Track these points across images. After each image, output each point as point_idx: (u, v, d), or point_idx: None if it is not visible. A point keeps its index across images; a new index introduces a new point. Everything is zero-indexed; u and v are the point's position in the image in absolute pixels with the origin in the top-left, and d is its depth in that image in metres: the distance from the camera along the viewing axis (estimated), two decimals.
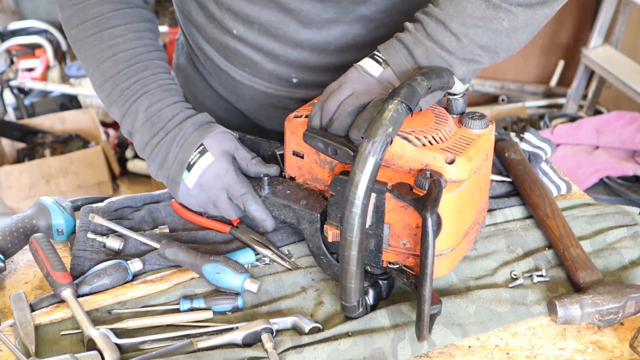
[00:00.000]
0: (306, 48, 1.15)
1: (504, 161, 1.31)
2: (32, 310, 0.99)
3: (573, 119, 3.24)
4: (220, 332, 0.97)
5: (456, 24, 0.96)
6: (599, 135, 2.88)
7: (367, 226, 0.96)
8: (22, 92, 3.75)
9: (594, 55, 3.20)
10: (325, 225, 1.01)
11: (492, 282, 1.07)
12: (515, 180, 1.26)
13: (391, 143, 0.87)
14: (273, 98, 1.26)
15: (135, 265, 1.07)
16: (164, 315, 1.00)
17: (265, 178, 1.08)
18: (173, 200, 1.22)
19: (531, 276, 1.08)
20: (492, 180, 1.29)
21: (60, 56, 4.16)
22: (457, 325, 0.98)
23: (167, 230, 1.17)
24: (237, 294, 1.02)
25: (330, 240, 1.00)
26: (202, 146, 1.06)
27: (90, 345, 0.92)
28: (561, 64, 3.79)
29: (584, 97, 3.52)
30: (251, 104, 1.31)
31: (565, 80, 3.77)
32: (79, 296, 1.01)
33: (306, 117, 1.04)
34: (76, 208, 1.21)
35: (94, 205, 1.21)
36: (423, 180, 0.91)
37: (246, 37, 1.15)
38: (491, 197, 1.26)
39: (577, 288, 1.06)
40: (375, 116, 0.87)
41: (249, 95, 1.28)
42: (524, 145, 1.37)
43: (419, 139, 0.95)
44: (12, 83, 3.68)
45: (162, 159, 1.08)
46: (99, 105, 3.80)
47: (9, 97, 3.69)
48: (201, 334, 0.97)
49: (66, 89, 3.71)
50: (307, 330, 0.97)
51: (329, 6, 1.09)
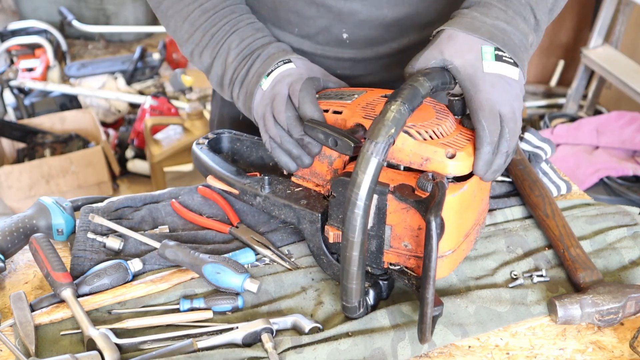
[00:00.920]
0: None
1: None
2: (32, 310, 0.99)
3: (573, 119, 3.24)
4: (220, 332, 0.97)
5: (540, 14, 0.99)
6: (599, 135, 2.88)
7: (368, 227, 0.96)
8: (22, 92, 3.76)
9: (594, 55, 3.20)
10: (326, 226, 1.01)
11: (492, 282, 1.07)
12: (515, 180, 1.26)
13: (393, 144, 0.87)
14: (322, 60, 1.23)
15: (135, 265, 1.07)
16: (164, 315, 1.00)
17: (266, 178, 1.08)
18: (173, 200, 1.22)
19: (531, 276, 1.08)
20: (492, 180, 1.29)
21: (60, 56, 4.17)
22: (457, 325, 0.98)
23: (167, 230, 1.17)
24: (237, 294, 1.02)
25: (331, 241, 1.00)
26: (289, 60, 1.06)
27: (90, 345, 0.92)
28: (561, 64, 3.79)
29: (584, 97, 3.52)
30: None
31: (565, 80, 3.78)
32: (79, 296, 1.01)
33: None
34: (76, 208, 1.21)
35: (94, 205, 1.21)
36: (425, 182, 0.91)
37: None
38: (491, 197, 1.26)
39: (577, 288, 1.06)
40: (378, 117, 0.87)
41: None
42: (524, 145, 1.37)
43: (419, 133, 0.94)
44: (12, 83, 3.69)
45: (243, 76, 1.08)
46: (99, 105, 3.80)
47: (9, 97, 3.70)
48: (201, 334, 0.97)
49: (66, 89, 3.72)
50: (307, 330, 0.97)
51: None
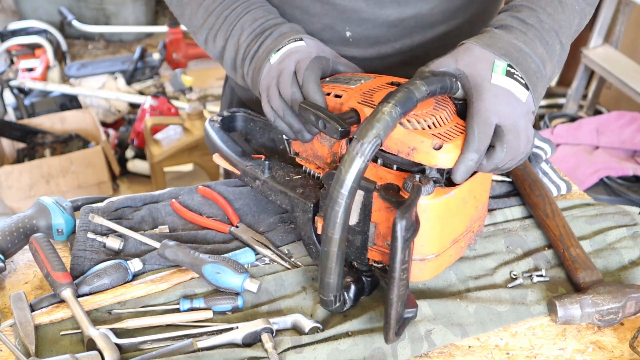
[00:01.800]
0: None
1: None
2: (32, 310, 0.99)
3: (573, 119, 3.24)
4: (220, 332, 0.97)
5: (565, 38, 1.00)
6: (599, 135, 2.88)
7: (354, 223, 0.97)
8: (22, 92, 3.76)
9: (594, 55, 3.20)
10: (316, 217, 1.02)
11: (491, 282, 1.07)
12: (515, 180, 1.26)
13: (381, 145, 0.87)
14: None
15: (135, 265, 1.07)
16: (164, 315, 1.00)
17: (267, 162, 1.10)
18: (173, 200, 1.22)
19: (531, 276, 1.08)
20: (492, 181, 1.29)
21: (60, 56, 4.17)
22: (457, 325, 0.98)
23: (167, 230, 1.17)
24: (237, 293, 1.02)
25: (319, 232, 1.01)
26: (300, 38, 1.07)
27: (90, 345, 0.92)
28: None
29: (584, 97, 3.52)
30: None
31: (565, 80, 3.77)
32: (79, 296, 1.01)
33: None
34: (76, 208, 1.21)
35: (94, 205, 1.21)
36: (410, 183, 0.91)
37: None
38: (491, 197, 1.26)
39: (577, 288, 1.06)
40: (368, 117, 0.87)
41: None
42: None
43: (410, 122, 0.93)
44: (12, 83, 3.68)
45: (254, 52, 1.09)
46: (99, 105, 3.80)
47: (9, 97, 3.69)
48: (201, 334, 0.97)
49: (66, 89, 3.72)
50: (307, 330, 0.97)
51: None
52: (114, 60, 4.08)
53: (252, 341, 0.95)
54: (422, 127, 0.93)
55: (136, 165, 3.53)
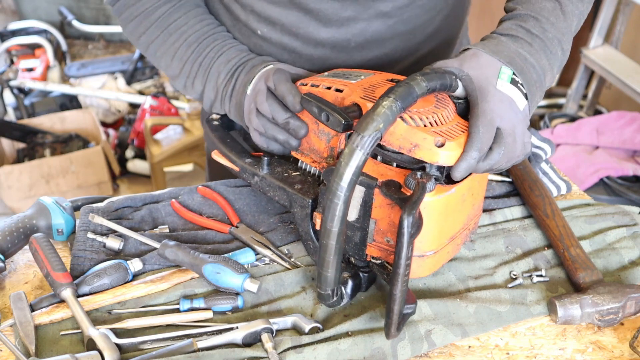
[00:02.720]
0: (327, 46, 1.19)
1: None
2: (32, 310, 0.99)
3: (573, 119, 3.24)
4: (220, 332, 0.97)
5: (566, 44, 1.02)
6: (599, 135, 2.88)
7: (354, 219, 0.97)
8: (22, 92, 3.76)
9: (594, 55, 3.20)
10: (314, 212, 1.02)
11: (491, 282, 1.07)
12: (515, 180, 1.26)
13: (381, 139, 0.87)
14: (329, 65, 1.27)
15: (135, 265, 1.07)
16: (164, 315, 1.00)
17: (265, 158, 1.10)
18: (173, 200, 1.22)
19: (530, 276, 1.08)
20: (492, 181, 1.29)
21: (60, 56, 4.17)
22: (457, 325, 0.98)
23: (167, 230, 1.17)
24: (237, 294, 1.02)
25: (317, 227, 1.01)
26: (270, 64, 1.11)
27: (90, 345, 0.92)
28: None
29: (584, 97, 3.52)
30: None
31: (565, 80, 3.77)
32: (79, 296, 1.01)
33: (312, 85, 1.06)
34: (76, 208, 1.21)
35: (94, 205, 1.21)
36: (412, 180, 0.91)
37: (270, 37, 1.20)
38: (491, 197, 1.26)
39: (577, 288, 1.06)
40: (369, 111, 0.87)
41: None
42: None
43: (412, 119, 0.93)
44: (12, 83, 3.69)
45: (231, 90, 1.14)
46: (99, 105, 3.80)
47: (9, 97, 3.70)
48: (201, 334, 0.97)
49: (66, 89, 3.72)
50: (307, 330, 0.97)
51: (347, 4, 1.13)
52: (114, 60, 4.08)
53: (252, 341, 0.95)
54: (425, 124, 0.93)
55: (136, 165, 3.53)
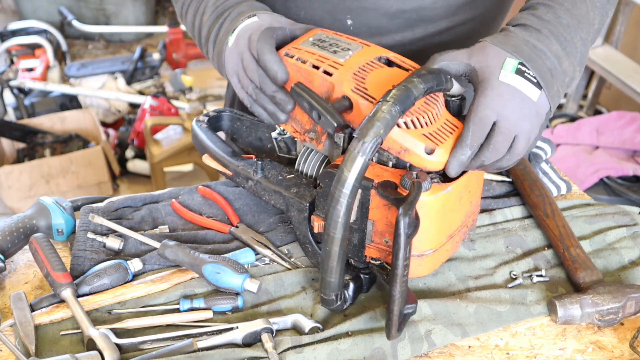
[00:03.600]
0: None
1: None
2: (32, 310, 0.99)
3: (573, 119, 3.24)
4: (220, 332, 0.97)
5: (585, 33, 0.98)
6: (599, 135, 2.88)
7: (352, 220, 0.97)
8: (22, 92, 3.75)
9: (594, 55, 3.20)
10: (312, 216, 1.02)
11: (491, 282, 1.07)
12: (515, 180, 1.26)
13: (381, 144, 0.87)
14: None
15: (135, 265, 1.07)
16: (164, 315, 1.00)
17: (259, 162, 1.10)
18: (173, 200, 1.22)
19: (530, 276, 1.08)
20: (492, 181, 1.29)
21: (60, 56, 4.17)
22: (457, 325, 0.98)
23: (167, 230, 1.17)
24: (237, 294, 1.02)
25: (316, 231, 1.01)
26: (253, 14, 1.07)
27: (90, 345, 0.92)
28: None
29: (584, 97, 3.52)
30: None
31: None
32: (79, 296, 1.01)
33: (298, 59, 1.02)
34: (76, 208, 1.21)
35: (94, 205, 1.21)
36: (408, 180, 0.91)
37: None
38: (491, 197, 1.26)
39: (577, 288, 1.06)
40: (369, 116, 0.87)
41: None
42: None
43: (404, 120, 0.93)
44: (12, 83, 3.68)
45: (215, 35, 1.10)
46: (99, 105, 3.80)
47: (9, 97, 3.69)
48: (201, 334, 0.97)
49: (66, 89, 3.71)
50: (307, 330, 0.97)
51: None
52: (114, 60, 4.08)
53: (252, 341, 0.95)
54: (415, 125, 0.93)
55: (136, 165, 3.53)
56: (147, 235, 1.12)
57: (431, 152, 0.91)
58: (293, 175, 1.10)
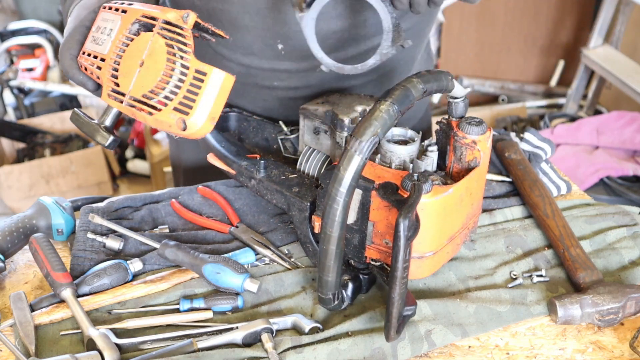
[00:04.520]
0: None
1: (504, 161, 1.31)
2: (32, 310, 0.99)
3: (573, 119, 3.24)
4: (220, 332, 0.97)
5: None
6: (599, 135, 2.88)
7: (352, 221, 0.97)
8: (22, 92, 3.75)
9: (594, 55, 3.20)
10: (313, 216, 1.02)
11: (491, 282, 1.07)
12: (515, 180, 1.26)
13: (379, 143, 0.88)
14: (258, 72, 1.23)
15: (135, 265, 1.07)
16: (164, 315, 1.00)
17: (262, 161, 1.10)
18: (173, 200, 1.22)
19: (531, 276, 1.08)
20: (492, 181, 1.29)
21: None
22: (457, 325, 0.98)
23: (167, 230, 1.17)
24: (237, 294, 1.02)
25: (316, 230, 1.01)
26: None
27: (90, 345, 0.92)
28: (561, 64, 3.79)
29: (584, 97, 3.52)
30: (236, 87, 1.27)
31: (565, 80, 3.77)
32: (78, 296, 1.01)
33: (86, 69, 0.98)
34: (76, 208, 1.21)
35: (94, 205, 1.21)
36: (408, 182, 0.91)
37: None
38: (491, 197, 1.26)
39: (577, 288, 1.06)
40: (366, 115, 0.88)
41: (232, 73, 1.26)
42: (524, 145, 1.37)
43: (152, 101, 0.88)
44: (12, 83, 3.68)
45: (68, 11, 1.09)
46: (99, 105, 3.80)
47: (9, 97, 3.69)
48: (201, 334, 0.97)
49: (66, 89, 3.71)
50: (307, 330, 0.97)
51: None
52: None
53: (252, 341, 0.95)
54: (164, 102, 0.87)
55: (136, 165, 3.53)
56: (147, 236, 1.12)
57: (185, 128, 0.85)
58: (295, 175, 1.10)
